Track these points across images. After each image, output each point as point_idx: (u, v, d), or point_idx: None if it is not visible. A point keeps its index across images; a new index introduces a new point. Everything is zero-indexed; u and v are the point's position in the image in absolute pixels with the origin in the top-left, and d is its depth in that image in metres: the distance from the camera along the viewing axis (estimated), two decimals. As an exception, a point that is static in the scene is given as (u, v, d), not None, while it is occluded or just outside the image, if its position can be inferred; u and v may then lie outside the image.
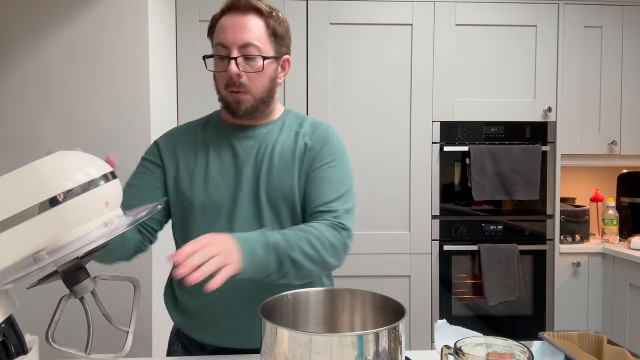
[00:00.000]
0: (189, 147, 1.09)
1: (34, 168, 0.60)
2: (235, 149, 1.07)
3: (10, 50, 1.76)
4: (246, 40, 1.00)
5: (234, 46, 1.00)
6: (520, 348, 0.68)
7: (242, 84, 1.02)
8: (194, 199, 1.04)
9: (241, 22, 1.01)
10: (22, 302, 0.85)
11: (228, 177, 1.05)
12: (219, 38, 1.02)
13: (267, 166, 1.05)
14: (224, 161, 1.06)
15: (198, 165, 1.06)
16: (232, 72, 1.00)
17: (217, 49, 1.03)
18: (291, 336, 0.63)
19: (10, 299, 0.66)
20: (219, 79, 1.05)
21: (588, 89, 2.48)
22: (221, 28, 1.02)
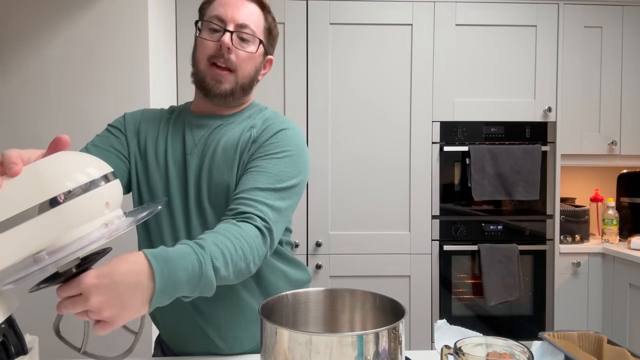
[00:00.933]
0: (152, 128, 1.04)
1: (34, 168, 0.60)
2: (186, 138, 1.01)
3: (10, 50, 1.76)
4: (245, 20, 0.98)
5: (231, 22, 0.97)
6: (520, 348, 0.68)
7: (230, 60, 0.97)
8: (147, 188, 1.00)
9: (243, 3, 1.00)
10: (22, 302, 0.85)
11: (179, 167, 1.00)
12: (216, 11, 0.99)
13: (210, 160, 0.98)
14: (175, 148, 1.01)
15: (154, 149, 1.02)
16: (225, 42, 0.95)
17: (212, 21, 0.98)
18: (291, 336, 0.63)
19: (10, 299, 0.66)
20: (203, 49, 0.98)
21: (588, 89, 2.48)
22: (220, 3, 1.00)
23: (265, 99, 2.31)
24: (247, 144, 0.98)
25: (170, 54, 2.19)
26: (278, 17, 2.31)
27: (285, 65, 2.32)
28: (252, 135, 0.99)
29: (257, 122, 1.02)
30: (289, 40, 2.32)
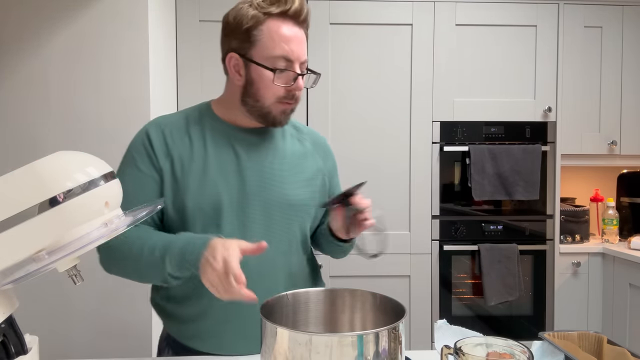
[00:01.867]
0: (182, 144, 1.01)
1: (34, 168, 0.60)
2: (237, 150, 1.02)
3: (10, 50, 1.76)
4: (305, 57, 1.00)
5: (297, 61, 0.98)
6: (520, 348, 0.68)
7: (298, 98, 1.02)
8: (189, 202, 0.98)
9: (301, 38, 0.99)
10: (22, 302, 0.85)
11: (230, 182, 1.00)
12: (282, 49, 0.95)
13: (278, 173, 1.03)
14: (223, 162, 1.01)
15: (194, 165, 1.00)
16: (301, 88, 0.99)
17: (279, 61, 0.96)
18: (291, 336, 0.63)
19: (10, 299, 0.66)
20: (272, 90, 0.98)
21: (588, 89, 2.48)
22: (284, 38, 0.96)
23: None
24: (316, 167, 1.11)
25: (170, 54, 2.18)
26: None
27: (285, 65, 2.32)
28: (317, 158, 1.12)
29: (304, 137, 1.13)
30: (289, 40, 2.32)
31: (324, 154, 1.15)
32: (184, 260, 0.88)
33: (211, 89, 2.30)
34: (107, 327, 1.77)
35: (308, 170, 1.08)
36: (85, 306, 1.76)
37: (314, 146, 1.13)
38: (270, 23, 0.95)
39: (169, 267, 0.90)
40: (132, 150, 1.03)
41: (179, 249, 0.90)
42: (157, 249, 0.91)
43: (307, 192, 1.06)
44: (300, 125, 1.15)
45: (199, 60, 2.30)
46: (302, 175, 1.06)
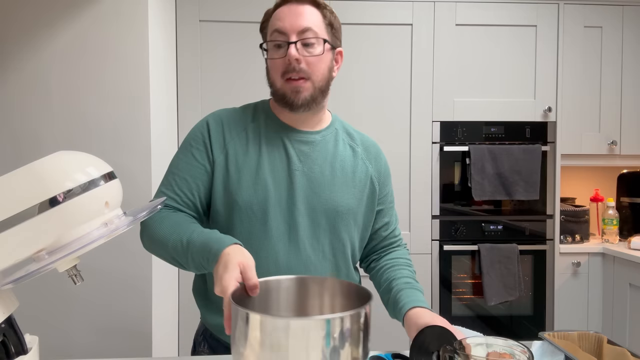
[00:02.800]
0: (239, 139, 1.04)
1: (34, 168, 0.60)
2: (289, 151, 1.03)
3: (10, 50, 1.76)
4: (305, 25, 0.98)
5: (292, 32, 0.98)
6: (520, 348, 0.68)
7: (302, 69, 0.98)
8: (240, 197, 1.00)
9: (299, 10, 0.99)
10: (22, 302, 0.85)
11: (280, 180, 1.01)
12: (276, 25, 0.99)
13: (328, 179, 1.03)
14: (275, 162, 1.02)
15: (248, 161, 1.02)
16: (292, 55, 0.97)
17: (274, 36, 0.99)
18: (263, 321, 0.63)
19: (10, 299, 0.66)
20: (275, 68, 1.00)
21: (588, 89, 2.48)
22: (277, 16, 1.00)
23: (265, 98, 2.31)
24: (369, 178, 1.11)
25: (170, 54, 2.19)
26: (278, 17, 2.31)
27: (285, 65, 2.32)
28: (370, 170, 1.11)
29: (357, 145, 1.14)
30: (289, 40, 2.32)
31: (375, 159, 1.13)
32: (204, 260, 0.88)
33: (211, 88, 2.30)
34: (107, 327, 1.77)
35: (357, 176, 1.07)
36: (85, 306, 1.76)
37: (365, 152, 1.13)
38: (275, 13, 1.01)
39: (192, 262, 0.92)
40: (190, 138, 1.06)
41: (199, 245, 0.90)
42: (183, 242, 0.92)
43: (355, 199, 1.05)
44: (353, 131, 1.15)
45: (199, 60, 2.30)
46: (352, 182, 1.06)
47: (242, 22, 2.30)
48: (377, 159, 1.14)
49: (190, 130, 1.08)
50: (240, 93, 2.31)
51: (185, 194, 1.01)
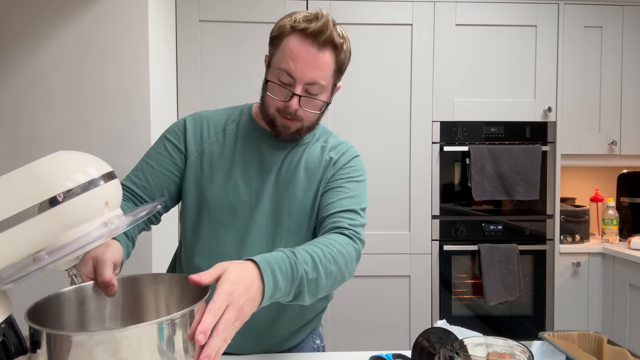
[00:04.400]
0: (216, 139, 1.06)
1: (33, 168, 0.60)
2: (262, 154, 1.05)
3: (10, 50, 1.76)
4: (314, 79, 0.96)
5: (300, 82, 0.95)
6: (520, 348, 0.68)
7: (297, 116, 0.99)
8: (211, 196, 1.02)
9: (315, 59, 0.95)
10: (22, 302, 0.85)
11: (251, 182, 1.03)
12: (287, 64, 0.95)
13: (292, 180, 1.04)
14: (248, 164, 1.04)
15: (222, 161, 1.04)
16: (292, 108, 0.97)
17: (281, 75, 0.96)
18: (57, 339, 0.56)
19: (10, 299, 0.66)
20: (272, 102, 0.99)
21: (588, 89, 2.48)
22: (292, 55, 0.95)
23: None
24: (328, 166, 1.06)
25: (170, 54, 2.18)
26: (278, 17, 2.30)
27: (285, 65, 2.32)
28: (333, 158, 1.07)
29: (331, 144, 1.09)
30: (289, 40, 2.32)
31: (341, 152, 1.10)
32: None
33: (211, 89, 2.30)
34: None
35: (319, 179, 1.06)
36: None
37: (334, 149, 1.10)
38: (290, 37, 0.95)
39: None
40: (167, 132, 1.08)
41: None
42: None
43: (314, 199, 1.05)
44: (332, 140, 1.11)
45: (199, 60, 2.30)
46: (313, 183, 1.05)
47: (242, 22, 2.30)
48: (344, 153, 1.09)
49: (169, 126, 1.10)
50: (240, 93, 2.31)
51: (147, 179, 1.04)
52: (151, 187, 1.04)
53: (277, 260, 0.78)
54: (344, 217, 0.98)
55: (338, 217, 0.98)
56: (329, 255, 0.86)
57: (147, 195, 1.04)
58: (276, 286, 0.75)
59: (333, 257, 0.87)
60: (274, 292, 0.75)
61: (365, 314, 2.36)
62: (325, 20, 0.95)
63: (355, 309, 2.36)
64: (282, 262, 0.78)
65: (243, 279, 0.70)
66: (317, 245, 0.87)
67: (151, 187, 1.04)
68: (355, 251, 0.94)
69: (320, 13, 0.96)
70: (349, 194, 1.03)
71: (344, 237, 0.94)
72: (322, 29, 0.94)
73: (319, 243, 0.88)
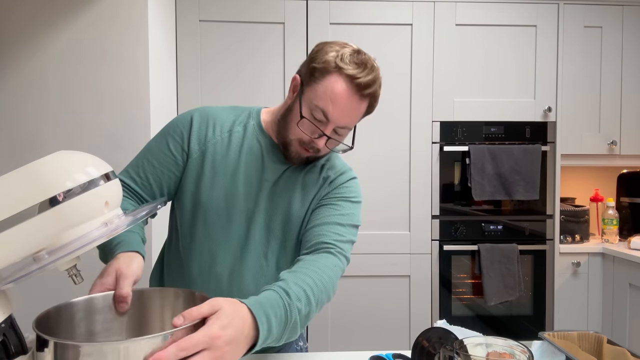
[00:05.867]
0: (221, 140, 1.03)
1: (33, 168, 0.60)
2: (265, 164, 1.03)
3: (11, 50, 1.76)
4: (346, 124, 0.96)
5: (333, 124, 0.94)
6: (520, 348, 0.68)
7: (319, 152, 0.99)
8: (209, 199, 1.01)
9: (354, 109, 0.95)
10: (23, 302, 0.85)
11: (250, 191, 1.02)
12: (326, 105, 0.93)
13: (288, 195, 1.03)
14: (250, 172, 1.02)
15: (226, 165, 1.02)
16: (319, 146, 0.96)
17: (315, 111, 0.94)
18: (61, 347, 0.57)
19: (10, 299, 0.66)
20: (298, 133, 0.96)
21: (588, 89, 2.48)
22: (334, 98, 0.92)
23: (265, 99, 2.31)
24: (324, 184, 1.05)
25: (170, 54, 2.18)
26: (278, 17, 2.31)
27: (285, 65, 2.32)
28: (330, 177, 1.06)
29: (332, 164, 1.08)
30: (289, 41, 2.32)
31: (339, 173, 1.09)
32: None
33: (211, 89, 2.30)
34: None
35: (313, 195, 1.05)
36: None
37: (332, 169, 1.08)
38: (334, 77, 0.93)
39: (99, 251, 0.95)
40: (170, 127, 1.05)
41: None
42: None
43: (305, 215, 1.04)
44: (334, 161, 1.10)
45: (199, 60, 2.30)
46: (307, 200, 1.04)
47: (242, 22, 2.30)
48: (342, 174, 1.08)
49: (174, 118, 1.07)
50: (240, 93, 2.31)
51: (147, 178, 1.02)
52: (152, 187, 1.03)
53: (272, 304, 0.74)
54: (330, 232, 0.96)
55: (325, 230, 0.96)
56: (320, 285, 0.84)
57: (148, 194, 1.04)
58: (269, 333, 0.71)
59: (324, 285, 0.85)
60: (266, 339, 0.71)
61: (365, 314, 2.36)
62: (376, 75, 0.95)
63: (355, 309, 2.36)
64: (276, 306, 0.74)
65: (234, 325, 0.65)
66: (309, 275, 0.84)
67: (152, 187, 1.03)
68: (340, 270, 0.93)
69: (370, 62, 0.94)
70: (340, 211, 1.01)
71: (330, 258, 0.91)
72: (370, 83, 0.94)
73: (309, 271, 0.85)
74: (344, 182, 1.06)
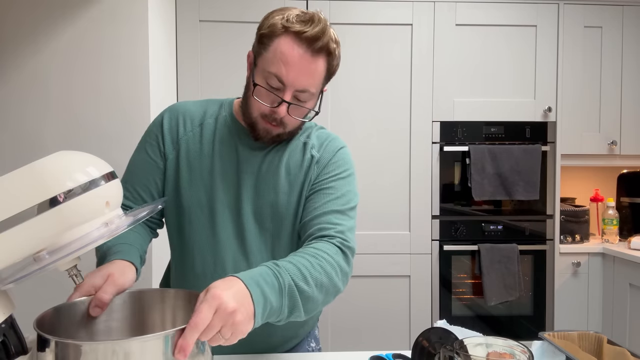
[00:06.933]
0: (192, 135, 1.01)
1: (34, 168, 0.60)
2: (239, 153, 0.99)
3: (10, 50, 1.76)
4: (305, 86, 0.91)
5: (290, 88, 0.90)
6: (520, 348, 0.68)
7: (283, 122, 0.94)
8: (190, 198, 0.98)
9: (308, 67, 0.90)
10: (23, 302, 0.85)
11: (229, 184, 0.98)
12: (277, 68, 0.89)
13: (273, 182, 0.99)
14: (225, 165, 0.99)
15: (201, 162, 0.99)
16: (280, 115, 0.91)
17: (270, 78, 0.90)
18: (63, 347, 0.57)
19: (10, 299, 0.66)
20: (257, 105, 0.93)
21: (588, 89, 2.48)
22: (283, 58, 0.88)
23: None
24: (310, 165, 1.00)
25: (170, 54, 2.18)
26: (278, 17, 2.31)
27: (285, 65, 2.32)
28: (315, 156, 1.01)
29: (313, 142, 1.02)
30: (289, 40, 2.32)
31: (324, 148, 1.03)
32: None
33: (211, 89, 2.30)
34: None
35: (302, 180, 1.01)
36: (85, 306, 1.75)
37: (318, 145, 1.03)
38: (282, 38, 0.89)
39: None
40: (146, 134, 1.05)
41: None
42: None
43: (297, 203, 1.00)
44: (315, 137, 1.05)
45: (199, 60, 2.30)
46: (296, 185, 1.00)
47: (242, 22, 2.30)
48: (326, 148, 1.03)
49: (148, 125, 1.06)
50: (240, 93, 2.31)
51: (137, 191, 1.01)
52: (143, 198, 1.01)
53: (260, 272, 0.74)
54: (330, 223, 0.92)
55: (323, 222, 0.93)
56: (317, 266, 0.82)
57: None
58: (265, 299, 0.71)
59: (322, 267, 0.82)
60: (265, 305, 0.71)
61: (365, 314, 2.36)
62: (323, 26, 0.89)
63: (355, 309, 2.36)
64: (264, 274, 0.74)
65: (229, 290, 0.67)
66: (302, 255, 0.82)
67: (143, 198, 1.01)
68: (345, 262, 0.89)
69: (317, 16, 0.90)
70: (335, 194, 0.97)
71: (331, 246, 0.88)
72: (319, 35, 0.89)
73: (303, 253, 0.83)
74: (331, 158, 1.01)
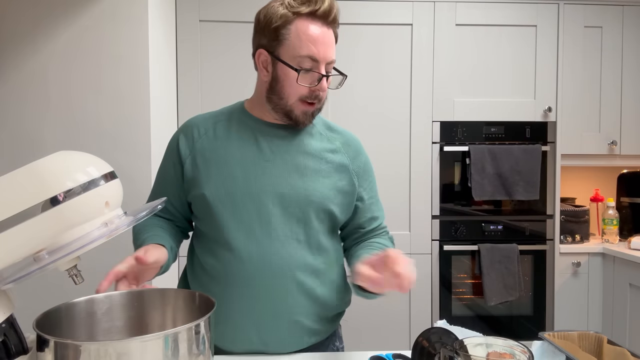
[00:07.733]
0: (206, 136, 1.05)
1: (34, 168, 0.60)
2: (260, 144, 1.03)
3: (10, 50, 1.76)
4: (332, 57, 1.01)
5: (323, 62, 0.98)
6: (520, 348, 0.68)
7: (319, 97, 1.01)
8: (209, 189, 1.00)
9: (330, 39, 1.00)
10: (23, 302, 0.85)
11: (249, 172, 1.01)
12: (308, 49, 0.96)
13: (301, 168, 1.02)
14: (245, 154, 1.02)
15: (215, 155, 1.03)
16: (324, 89, 1.00)
17: (302, 62, 0.97)
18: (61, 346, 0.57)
19: (10, 299, 0.66)
20: (295, 90, 0.99)
21: (588, 89, 2.48)
22: (310, 39, 0.96)
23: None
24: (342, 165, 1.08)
25: (170, 54, 2.18)
26: (278, 17, 2.31)
27: (285, 65, 2.32)
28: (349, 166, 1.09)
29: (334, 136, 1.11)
30: (289, 40, 2.32)
31: (355, 154, 1.11)
32: None
33: (211, 89, 2.30)
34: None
35: (332, 166, 1.05)
36: (86, 306, 1.75)
37: (345, 145, 1.10)
38: (298, 23, 0.96)
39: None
40: (166, 151, 1.11)
41: None
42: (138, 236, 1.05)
43: (328, 189, 1.03)
44: (333, 125, 1.14)
45: (199, 60, 2.30)
46: (325, 171, 1.04)
47: (242, 22, 2.30)
48: (357, 154, 1.12)
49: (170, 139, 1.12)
50: (240, 93, 2.29)
51: (171, 202, 1.09)
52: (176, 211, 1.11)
53: None
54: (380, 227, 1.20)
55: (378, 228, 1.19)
56: None
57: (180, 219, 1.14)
58: None
59: None
60: None
61: (365, 314, 2.36)
62: (330, 1, 0.98)
63: (355, 309, 2.36)
64: None
65: None
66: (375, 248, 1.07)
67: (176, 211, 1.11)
68: None
69: None
70: (374, 200, 1.19)
71: (389, 241, 1.17)
72: (330, 9, 0.97)
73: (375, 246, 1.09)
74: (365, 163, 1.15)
